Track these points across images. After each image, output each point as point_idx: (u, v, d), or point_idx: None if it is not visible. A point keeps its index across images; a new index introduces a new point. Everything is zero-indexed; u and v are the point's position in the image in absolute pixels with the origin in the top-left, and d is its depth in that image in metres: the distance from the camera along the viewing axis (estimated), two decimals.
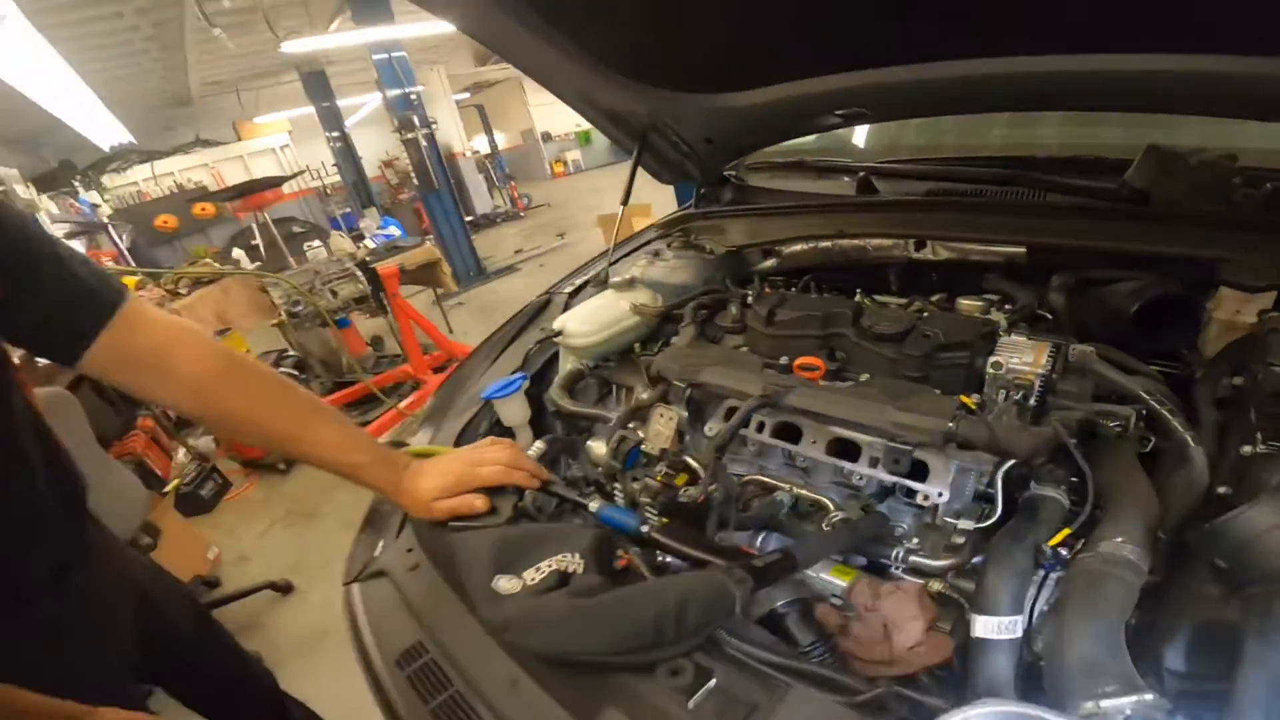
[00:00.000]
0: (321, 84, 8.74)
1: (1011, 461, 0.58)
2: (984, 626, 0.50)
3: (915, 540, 0.60)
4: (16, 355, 0.81)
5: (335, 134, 9.39)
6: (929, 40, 0.87)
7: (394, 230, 4.76)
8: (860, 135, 1.78)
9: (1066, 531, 0.55)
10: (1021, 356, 0.65)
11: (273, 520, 2.85)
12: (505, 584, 0.59)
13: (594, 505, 0.68)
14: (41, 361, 1.82)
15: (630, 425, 0.83)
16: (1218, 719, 0.40)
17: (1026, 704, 0.40)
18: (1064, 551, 0.54)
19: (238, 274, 3.17)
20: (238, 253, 3.75)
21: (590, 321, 0.99)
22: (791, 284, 1.13)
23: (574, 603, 0.54)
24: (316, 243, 4.12)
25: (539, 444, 0.86)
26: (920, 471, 0.62)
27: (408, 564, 0.75)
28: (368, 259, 3.48)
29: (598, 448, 0.85)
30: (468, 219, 8.08)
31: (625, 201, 1.40)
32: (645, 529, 0.62)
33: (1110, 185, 0.90)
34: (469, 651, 0.61)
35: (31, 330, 0.68)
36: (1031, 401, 0.63)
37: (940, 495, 0.60)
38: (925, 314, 0.81)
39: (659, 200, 3.46)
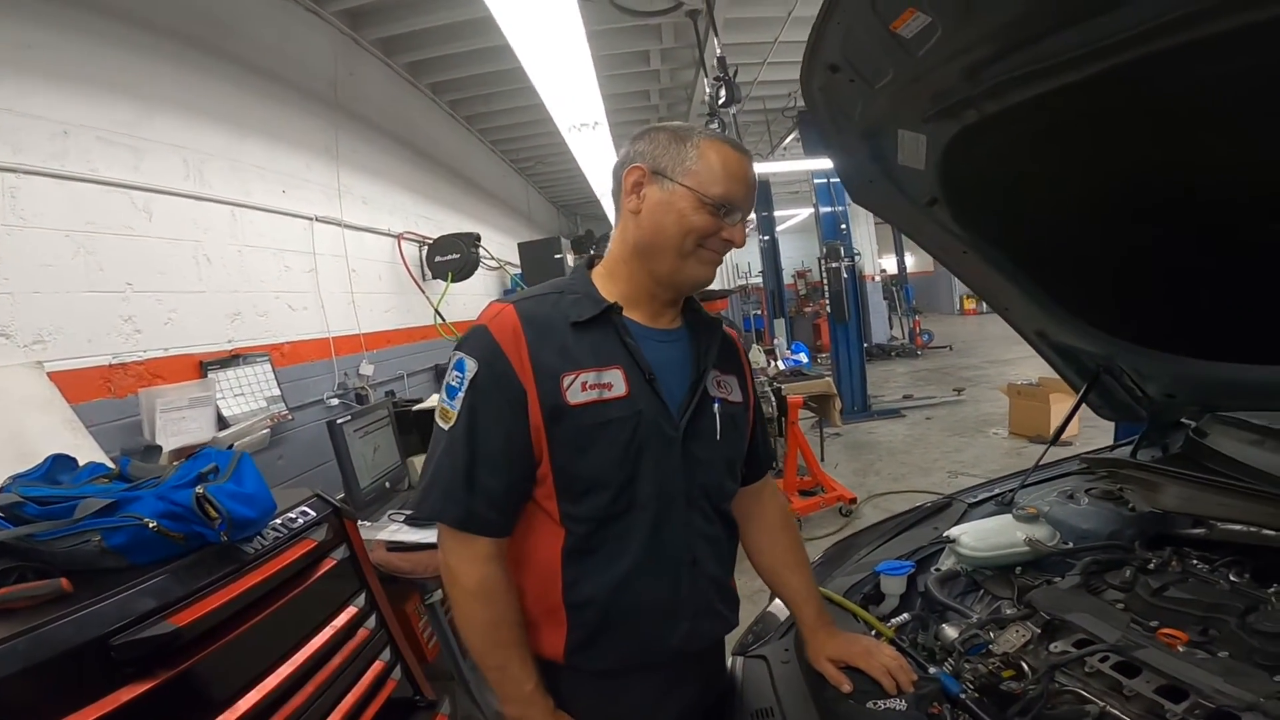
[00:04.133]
0: (765, 194, 10.35)
1: None
2: None
3: None
4: None
5: (766, 238, 10.90)
6: None
7: (802, 357, 5.63)
8: None
9: None
10: None
11: None
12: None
13: (932, 669, 1.02)
14: None
15: (985, 627, 1.11)
16: None
17: None
18: None
19: None
20: None
21: (983, 540, 1.30)
22: (1210, 559, 1.20)
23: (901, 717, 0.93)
24: None
25: (906, 615, 1.23)
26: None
27: (782, 658, 1.20)
28: (777, 381, 4.32)
29: (950, 632, 1.14)
30: None
31: (1054, 441, 1.65)
32: (963, 695, 0.93)
33: None
34: None
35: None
36: None
37: None
38: None
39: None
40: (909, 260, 14.88)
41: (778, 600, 1.38)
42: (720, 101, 3.69)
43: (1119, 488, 1.55)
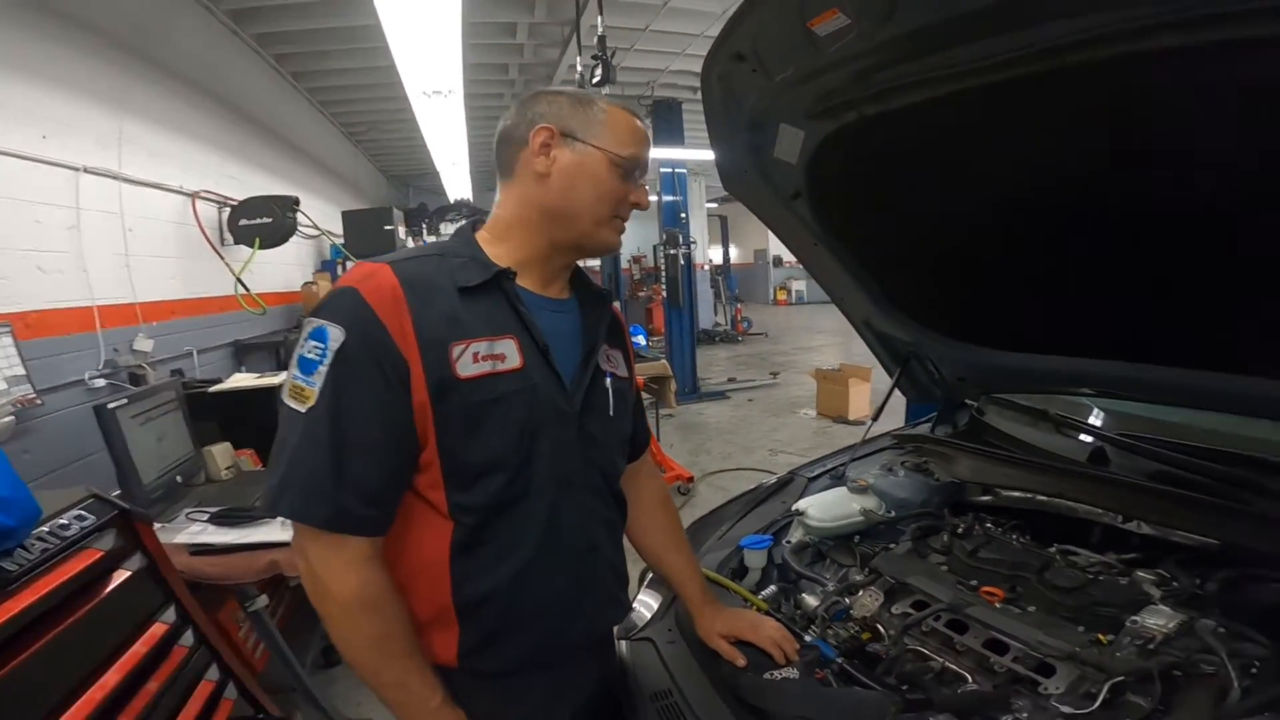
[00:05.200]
0: None
1: (1117, 679, 0.85)
2: None
3: (1026, 716, 0.87)
4: None
5: None
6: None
7: (640, 339, 5.77)
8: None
9: None
10: (1156, 621, 0.93)
11: None
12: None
13: (809, 638, 1.10)
14: None
15: (842, 594, 1.22)
16: None
17: None
18: None
19: None
20: None
21: (826, 511, 1.42)
22: (1000, 523, 1.39)
23: (797, 684, 0.98)
24: None
25: (774, 588, 1.30)
26: (1048, 670, 0.92)
27: (668, 638, 1.21)
28: None
29: (811, 600, 1.24)
30: None
31: (876, 418, 1.85)
32: (840, 660, 1.01)
33: None
34: (700, 701, 1.02)
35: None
36: (1151, 646, 0.90)
37: (1056, 688, 0.89)
38: (1101, 577, 1.11)
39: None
40: (733, 252, 15.98)
41: (633, 612, 1.38)
42: (595, 80, 3.63)
43: (924, 460, 1.75)
